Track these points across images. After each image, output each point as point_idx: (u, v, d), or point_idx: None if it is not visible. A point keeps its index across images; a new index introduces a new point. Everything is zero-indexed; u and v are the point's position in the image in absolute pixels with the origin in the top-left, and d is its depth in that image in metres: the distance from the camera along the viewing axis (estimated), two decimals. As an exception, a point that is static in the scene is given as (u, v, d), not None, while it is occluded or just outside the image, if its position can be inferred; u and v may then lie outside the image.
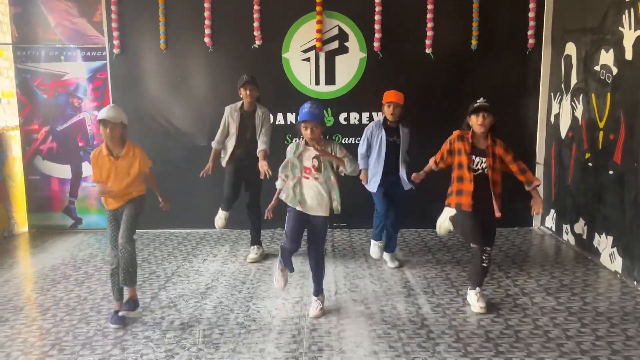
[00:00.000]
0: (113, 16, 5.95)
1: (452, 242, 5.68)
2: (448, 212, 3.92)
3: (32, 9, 6.02)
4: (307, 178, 3.73)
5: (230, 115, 4.99)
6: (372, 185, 4.80)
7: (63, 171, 6.28)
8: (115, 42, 5.99)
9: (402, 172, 4.71)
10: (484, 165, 3.79)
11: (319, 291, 3.93)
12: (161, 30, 5.97)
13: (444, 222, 3.96)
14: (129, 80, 6.12)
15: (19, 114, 6.20)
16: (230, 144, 4.99)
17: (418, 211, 5.94)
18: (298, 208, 3.72)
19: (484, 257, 3.84)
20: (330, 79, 6.06)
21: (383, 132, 4.74)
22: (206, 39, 5.97)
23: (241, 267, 4.93)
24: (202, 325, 3.67)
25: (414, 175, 4.11)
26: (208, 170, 5.08)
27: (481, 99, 3.87)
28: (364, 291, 4.31)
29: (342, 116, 6.11)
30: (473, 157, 3.82)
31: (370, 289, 4.36)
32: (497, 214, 3.78)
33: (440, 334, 3.53)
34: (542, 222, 6.20)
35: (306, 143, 3.74)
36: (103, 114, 3.65)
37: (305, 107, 3.65)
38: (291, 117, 6.09)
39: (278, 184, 3.85)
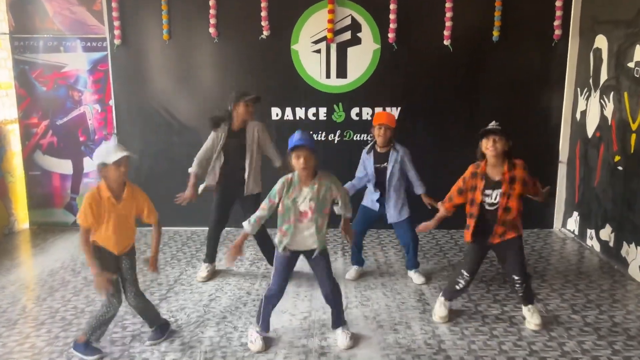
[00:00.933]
0: (114, 5, 5.63)
1: (469, 246, 5.40)
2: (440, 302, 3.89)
3: (29, -4, 5.73)
4: (302, 222, 3.31)
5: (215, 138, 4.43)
6: (366, 200, 4.52)
7: (64, 166, 6.06)
8: (116, 32, 5.69)
9: (391, 201, 4.39)
10: (499, 198, 3.51)
11: (342, 321, 3.55)
12: (164, 19, 5.66)
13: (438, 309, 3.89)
14: (131, 72, 5.84)
15: (18, 107, 5.96)
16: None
17: (433, 212, 5.67)
18: (289, 249, 3.38)
19: (458, 279, 3.77)
20: (342, 72, 5.73)
21: (371, 159, 4.39)
22: (211, 30, 5.65)
23: (247, 274, 4.69)
24: (203, 346, 3.45)
25: (420, 226, 3.84)
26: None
27: (493, 122, 3.52)
28: (376, 305, 4.05)
29: (354, 111, 5.79)
30: (487, 191, 3.53)
31: (383, 302, 4.11)
32: (495, 240, 3.59)
33: (459, 360, 3.29)
34: (564, 224, 5.90)
35: (300, 181, 3.28)
36: (119, 152, 3.10)
37: (295, 136, 3.26)
38: (300, 113, 5.79)
39: (246, 225, 3.34)
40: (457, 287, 3.77)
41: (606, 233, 4.97)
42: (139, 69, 5.83)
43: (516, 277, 3.62)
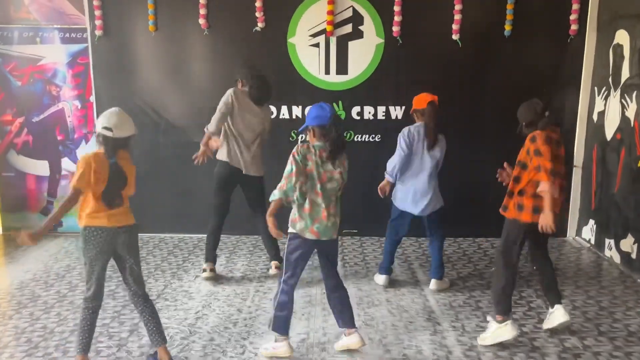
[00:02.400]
0: (94, -8, 5.20)
1: (478, 257, 5.01)
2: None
3: (2, -17, 5.28)
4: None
5: None
6: None
7: (40, 168, 5.61)
8: (97, 23, 5.24)
9: None
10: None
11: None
12: (150, 9, 5.21)
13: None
14: (114, 66, 5.39)
15: (-10, 103, 5.50)
16: None
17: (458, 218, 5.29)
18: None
19: None
20: (342, 68, 5.31)
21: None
22: (201, 20, 5.22)
23: (238, 288, 4.26)
24: (187, 375, 3.03)
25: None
26: None
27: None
28: (381, 325, 3.64)
29: (355, 110, 5.38)
30: None
31: (389, 322, 3.69)
32: None
33: (479, 393, 2.88)
34: (578, 232, 5.51)
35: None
36: (129, 129, 2.94)
37: None
38: (297, 111, 5.37)
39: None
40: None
41: (628, 244, 4.59)
42: (122, 63, 5.39)
43: None
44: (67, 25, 5.35)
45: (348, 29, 5.26)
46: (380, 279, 4.30)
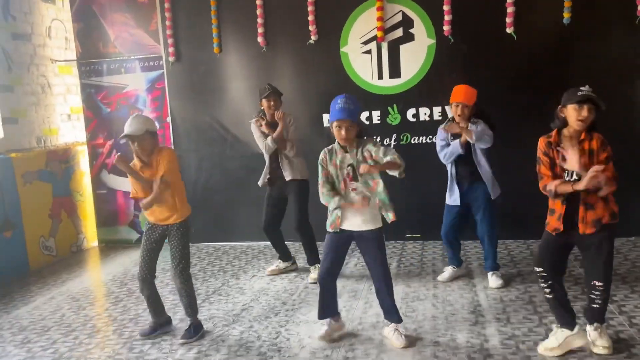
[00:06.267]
0: (167, 23, 5.76)
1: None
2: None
3: (93, 23, 6.03)
4: (347, 189, 3.19)
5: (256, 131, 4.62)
6: (452, 199, 4.13)
7: (127, 185, 6.14)
8: (170, 50, 5.81)
9: (485, 176, 3.99)
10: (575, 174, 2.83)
11: (393, 317, 3.25)
12: (214, 33, 5.67)
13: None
14: (185, 88, 5.89)
15: (86, 129, 6.24)
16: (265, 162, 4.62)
17: (506, 219, 5.04)
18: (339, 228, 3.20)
19: (543, 285, 2.99)
20: (395, 72, 5.36)
21: (449, 136, 4.08)
22: (259, 39, 5.58)
23: (288, 285, 4.39)
24: (219, 355, 3.19)
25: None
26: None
27: (586, 86, 2.85)
28: (420, 316, 3.56)
29: (411, 112, 5.38)
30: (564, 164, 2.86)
31: (430, 314, 3.61)
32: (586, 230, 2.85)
33: (506, 378, 2.73)
34: (661, 230, 4.98)
35: (341, 147, 3.19)
36: (125, 129, 3.35)
37: (338, 103, 3.10)
38: (352, 117, 5.48)
39: (324, 199, 3.20)
40: (546, 297, 3.03)
41: None
42: (192, 84, 5.87)
43: (598, 283, 2.88)
44: (146, 55, 5.98)
45: (399, 33, 5.32)
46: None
